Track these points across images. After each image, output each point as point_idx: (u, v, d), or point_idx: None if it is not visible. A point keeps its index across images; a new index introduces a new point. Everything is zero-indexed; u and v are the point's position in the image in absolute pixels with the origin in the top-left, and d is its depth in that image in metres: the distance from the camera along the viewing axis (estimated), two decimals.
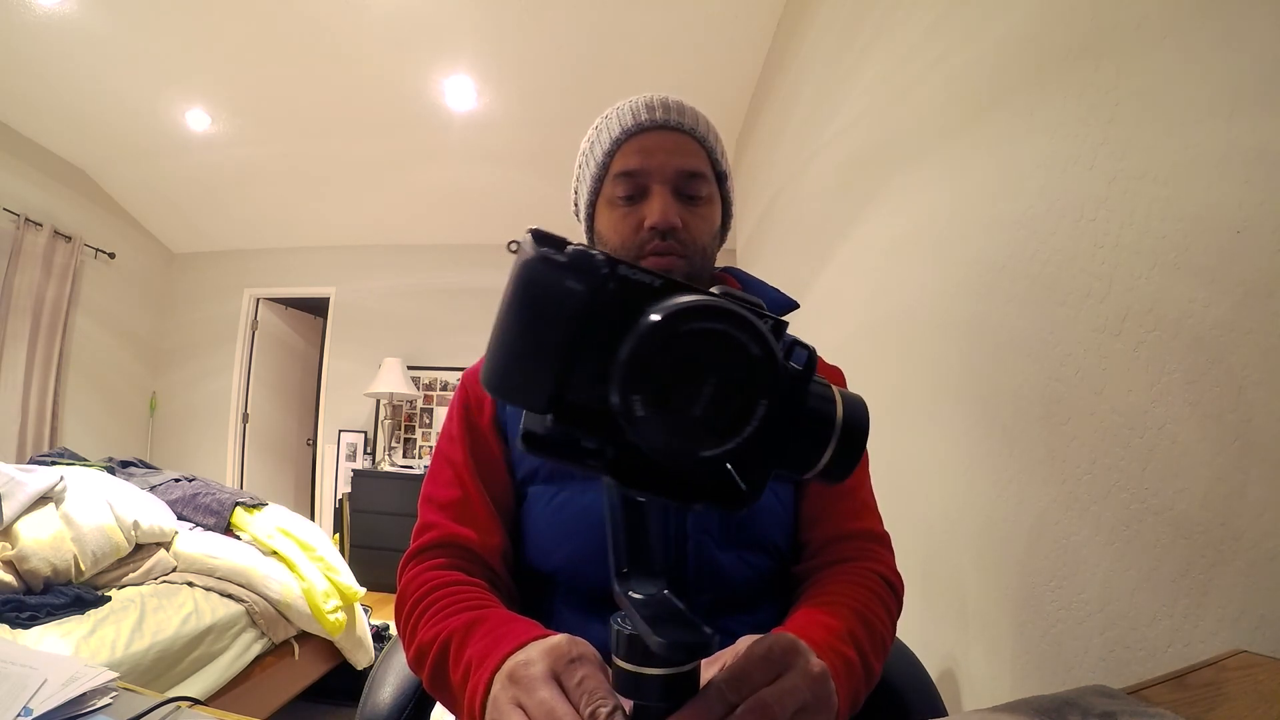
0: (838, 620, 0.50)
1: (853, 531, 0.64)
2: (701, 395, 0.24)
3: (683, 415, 0.24)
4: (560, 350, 0.26)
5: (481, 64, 2.88)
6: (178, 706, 0.50)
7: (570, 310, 0.26)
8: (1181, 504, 0.61)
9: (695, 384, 0.24)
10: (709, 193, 0.66)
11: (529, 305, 0.26)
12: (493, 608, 0.52)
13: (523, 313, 0.27)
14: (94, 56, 2.80)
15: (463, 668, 0.45)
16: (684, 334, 0.24)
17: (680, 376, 0.24)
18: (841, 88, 1.69)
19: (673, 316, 0.24)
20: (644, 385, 0.24)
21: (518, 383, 0.27)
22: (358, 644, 2.02)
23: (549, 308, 0.26)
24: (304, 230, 4.44)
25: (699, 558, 0.59)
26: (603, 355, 0.25)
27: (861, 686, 0.48)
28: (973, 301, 1.02)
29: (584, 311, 0.26)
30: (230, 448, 4.47)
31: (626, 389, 0.24)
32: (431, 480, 0.66)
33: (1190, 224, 0.61)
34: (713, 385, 0.24)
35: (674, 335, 0.24)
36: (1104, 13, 0.73)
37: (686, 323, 0.24)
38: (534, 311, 0.26)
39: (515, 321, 0.27)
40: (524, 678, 0.36)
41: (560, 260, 0.26)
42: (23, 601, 1.34)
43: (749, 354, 0.24)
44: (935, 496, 1.15)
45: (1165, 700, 0.43)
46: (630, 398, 0.24)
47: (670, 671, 0.30)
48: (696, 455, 0.25)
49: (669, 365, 0.24)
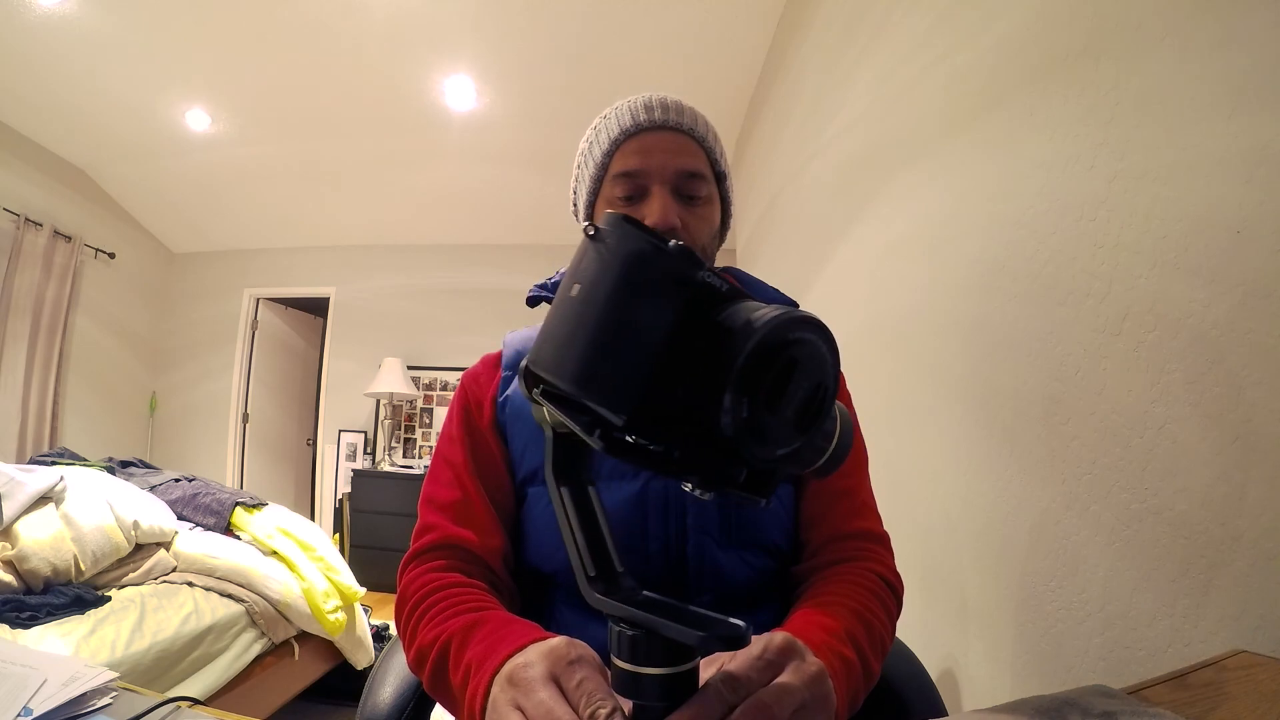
0: (836, 621, 0.50)
1: (852, 532, 0.64)
2: (796, 398, 0.26)
3: (781, 417, 0.26)
4: (661, 347, 0.26)
5: (481, 64, 2.88)
6: (178, 706, 0.49)
7: (676, 306, 0.26)
8: (1181, 504, 0.61)
9: (793, 388, 0.26)
10: (708, 193, 0.66)
11: (635, 295, 0.26)
12: (492, 610, 0.52)
13: (628, 303, 0.26)
14: (94, 56, 2.80)
15: (462, 670, 0.45)
16: (789, 342, 0.26)
17: (783, 381, 0.26)
18: (841, 87, 1.69)
19: (780, 327, 0.25)
20: (756, 389, 0.25)
21: (606, 378, 0.26)
22: (358, 644, 2.02)
23: (657, 300, 0.26)
24: (304, 230, 4.44)
25: (699, 557, 0.59)
26: (693, 357, 0.26)
27: (860, 686, 0.48)
28: (972, 301, 1.02)
29: (684, 310, 0.26)
30: (230, 448, 4.47)
31: (739, 392, 0.25)
32: (431, 481, 0.66)
33: (1190, 224, 0.61)
34: (804, 389, 0.27)
35: (783, 344, 0.25)
36: (1104, 13, 0.73)
37: (790, 332, 0.26)
38: (641, 302, 0.26)
39: (615, 311, 0.26)
40: (523, 680, 0.36)
41: (669, 251, 0.26)
42: (23, 601, 1.34)
43: (829, 362, 0.27)
44: (935, 496, 1.15)
45: (1165, 700, 0.43)
46: (741, 400, 0.25)
47: (670, 671, 0.30)
48: (775, 452, 0.26)
49: (777, 371, 0.25)
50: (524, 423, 0.65)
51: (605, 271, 0.26)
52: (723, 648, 0.29)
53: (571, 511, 0.34)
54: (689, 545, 0.59)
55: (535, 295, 0.69)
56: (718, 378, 0.25)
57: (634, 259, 0.26)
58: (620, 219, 0.27)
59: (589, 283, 0.27)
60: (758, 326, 0.25)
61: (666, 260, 0.26)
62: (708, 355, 0.25)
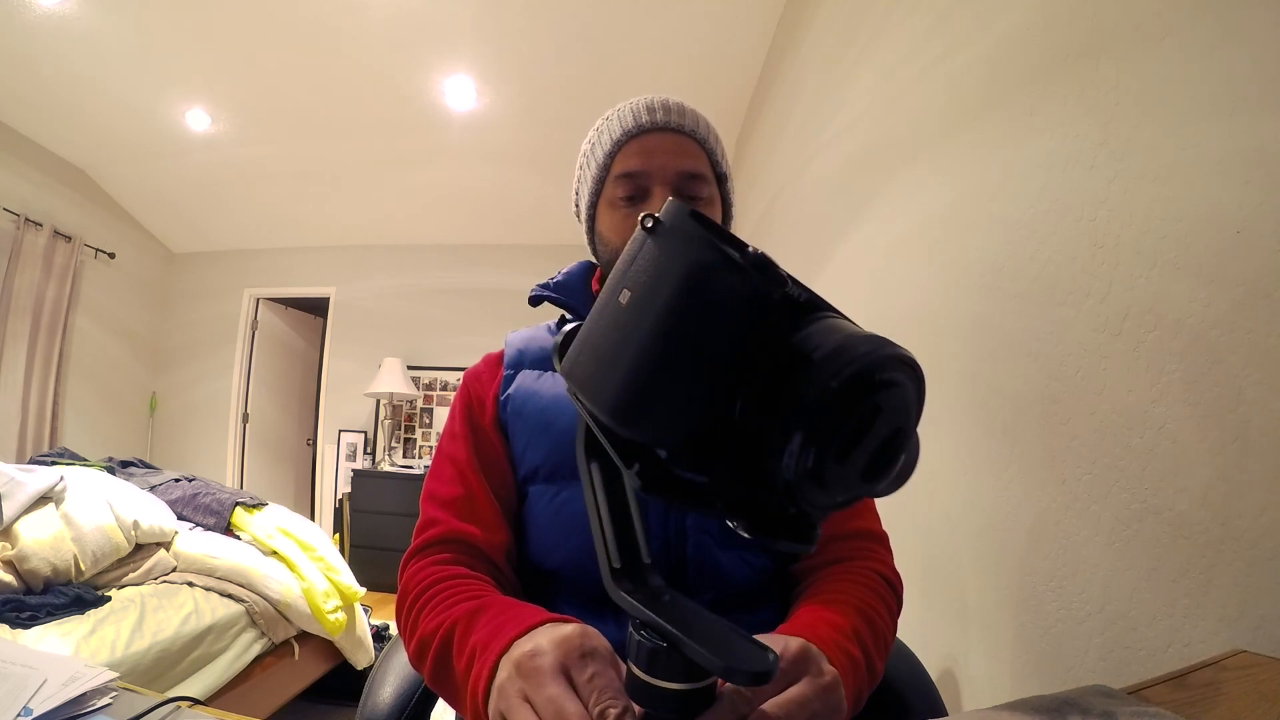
0: (843, 618, 0.50)
1: (852, 531, 0.64)
2: (870, 447, 0.22)
3: (850, 466, 0.22)
4: (724, 376, 0.22)
5: (481, 64, 2.88)
6: (178, 706, 0.49)
7: (747, 329, 0.22)
8: (1181, 504, 0.61)
9: (870, 438, 0.22)
10: (709, 194, 0.67)
11: (698, 314, 0.22)
12: (496, 595, 0.52)
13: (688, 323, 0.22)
14: (94, 56, 2.80)
15: (467, 655, 0.44)
16: (878, 385, 0.21)
17: (862, 430, 0.22)
18: (841, 88, 1.69)
19: (871, 367, 0.21)
20: (829, 437, 0.21)
21: (652, 412, 0.22)
22: (358, 644, 2.02)
23: (725, 322, 0.21)
24: (304, 230, 4.44)
25: (699, 557, 0.59)
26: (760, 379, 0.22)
27: (865, 685, 0.48)
28: (972, 301, 1.02)
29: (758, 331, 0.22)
30: (230, 448, 4.47)
31: (810, 438, 0.21)
32: (434, 478, 0.66)
33: (1190, 224, 0.61)
34: (881, 438, 0.22)
35: (871, 387, 0.21)
36: (1104, 13, 0.73)
37: (882, 372, 0.21)
38: (704, 324, 0.22)
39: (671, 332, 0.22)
40: (532, 670, 0.34)
41: (741, 264, 0.22)
42: (23, 601, 1.34)
43: (915, 409, 0.23)
44: (935, 496, 1.15)
45: (1165, 700, 0.43)
46: (810, 446, 0.21)
47: (688, 687, 0.28)
48: (836, 500, 0.23)
49: (857, 419, 0.21)
50: (526, 421, 0.66)
51: (662, 281, 0.22)
52: (746, 682, 0.26)
53: (600, 493, 0.30)
54: (689, 545, 0.59)
55: (537, 295, 0.69)
56: (787, 413, 0.21)
57: (699, 270, 0.22)
58: (684, 211, 0.24)
59: (642, 290, 0.23)
60: (844, 364, 0.21)
61: (739, 276, 0.22)
62: (778, 381, 0.21)
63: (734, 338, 0.22)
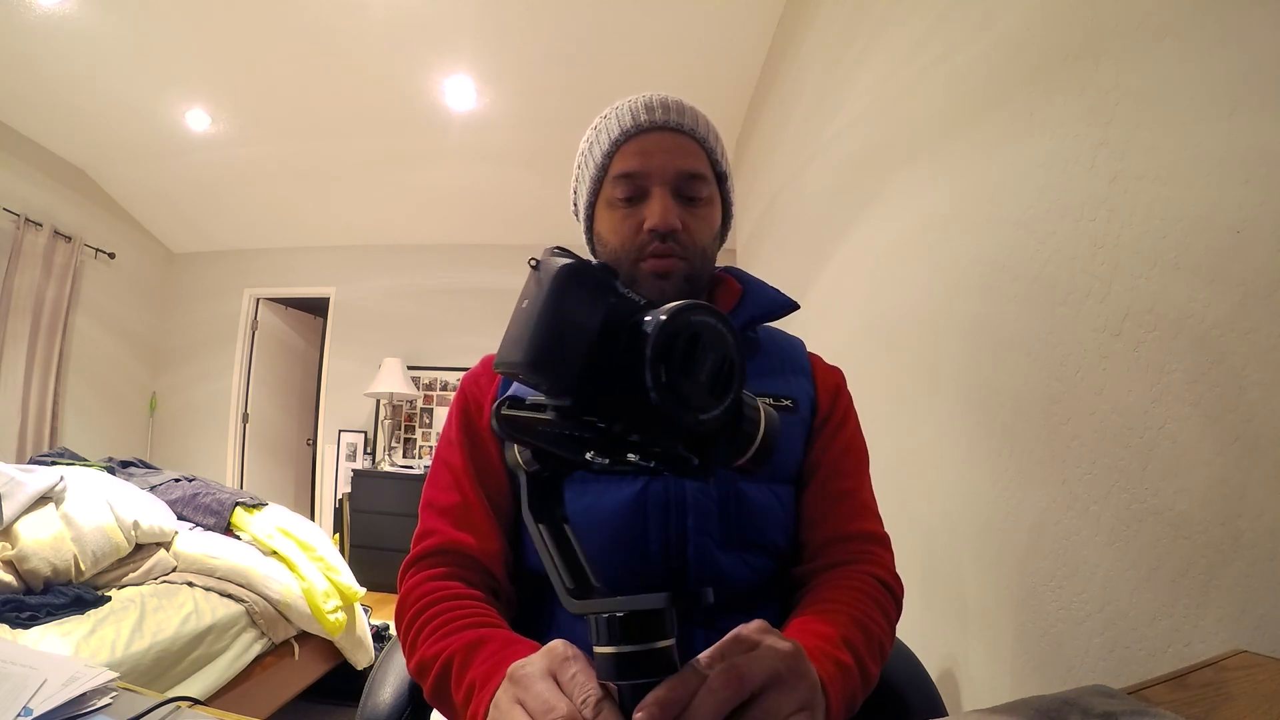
0: (833, 627, 0.50)
1: (852, 533, 0.64)
2: (706, 366, 0.32)
3: (695, 379, 0.31)
4: (594, 336, 0.32)
5: (481, 64, 2.88)
6: (178, 706, 0.49)
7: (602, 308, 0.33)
8: (1181, 504, 0.61)
9: (701, 357, 0.32)
10: (709, 194, 0.66)
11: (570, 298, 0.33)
12: (493, 628, 0.53)
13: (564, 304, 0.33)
14: (94, 56, 2.80)
15: (465, 688, 0.46)
16: (690, 321, 0.32)
17: (691, 351, 0.32)
18: (841, 87, 1.69)
19: (680, 311, 0.32)
20: (669, 355, 0.31)
21: (551, 362, 0.32)
22: (358, 644, 2.02)
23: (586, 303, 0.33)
24: (304, 230, 4.44)
25: (700, 559, 0.59)
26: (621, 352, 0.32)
27: (858, 690, 0.48)
28: (972, 301, 1.02)
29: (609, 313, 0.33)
30: (230, 448, 4.47)
31: (657, 360, 0.30)
32: (432, 485, 0.66)
33: (1190, 224, 0.61)
34: (711, 360, 0.32)
35: (685, 322, 0.32)
36: (1104, 13, 0.73)
37: (690, 314, 0.32)
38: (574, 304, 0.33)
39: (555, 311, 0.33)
40: (522, 676, 0.37)
41: (594, 266, 0.34)
42: (23, 601, 1.34)
43: (730, 340, 0.33)
44: (935, 496, 1.15)
45: (1165, 700, 0.43)
46: (659, 366, 0.30)
47: (644, 648, 0.33)
48: (699, 417, 0.31)
49: (684, 344, 0.31)
50: None
51: (545, 284, 0.33)
52: (686, 604, 0.33)
53: (551, 545, 0.38)
54: (689, 547, 0.59)
55: None
56: (640, 349, 0.31)
57: (567, 270, 0.33)
58: (554, 250, 0.35)
59: (534, 295, 0.34)
60: (663, 312, 0.32)
61: (592, 271, 0.34)
62: (632, 347, 0.31)
63: (596, 311, 0.33)
